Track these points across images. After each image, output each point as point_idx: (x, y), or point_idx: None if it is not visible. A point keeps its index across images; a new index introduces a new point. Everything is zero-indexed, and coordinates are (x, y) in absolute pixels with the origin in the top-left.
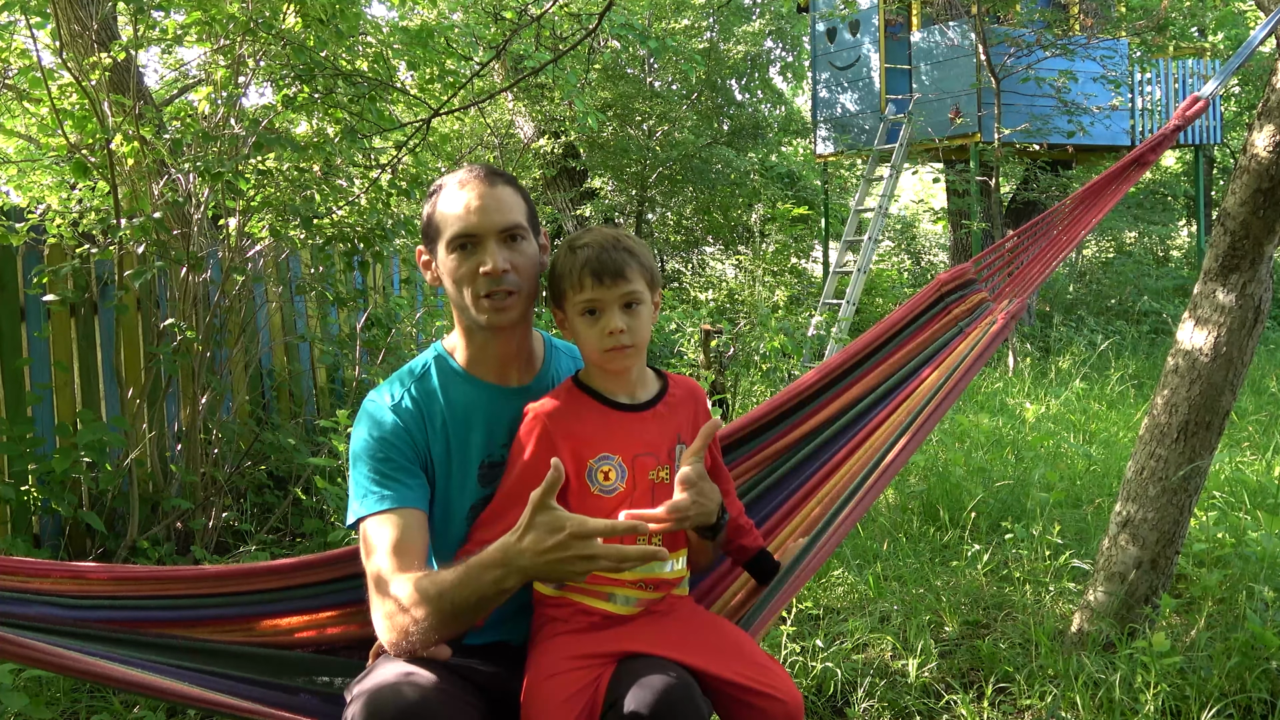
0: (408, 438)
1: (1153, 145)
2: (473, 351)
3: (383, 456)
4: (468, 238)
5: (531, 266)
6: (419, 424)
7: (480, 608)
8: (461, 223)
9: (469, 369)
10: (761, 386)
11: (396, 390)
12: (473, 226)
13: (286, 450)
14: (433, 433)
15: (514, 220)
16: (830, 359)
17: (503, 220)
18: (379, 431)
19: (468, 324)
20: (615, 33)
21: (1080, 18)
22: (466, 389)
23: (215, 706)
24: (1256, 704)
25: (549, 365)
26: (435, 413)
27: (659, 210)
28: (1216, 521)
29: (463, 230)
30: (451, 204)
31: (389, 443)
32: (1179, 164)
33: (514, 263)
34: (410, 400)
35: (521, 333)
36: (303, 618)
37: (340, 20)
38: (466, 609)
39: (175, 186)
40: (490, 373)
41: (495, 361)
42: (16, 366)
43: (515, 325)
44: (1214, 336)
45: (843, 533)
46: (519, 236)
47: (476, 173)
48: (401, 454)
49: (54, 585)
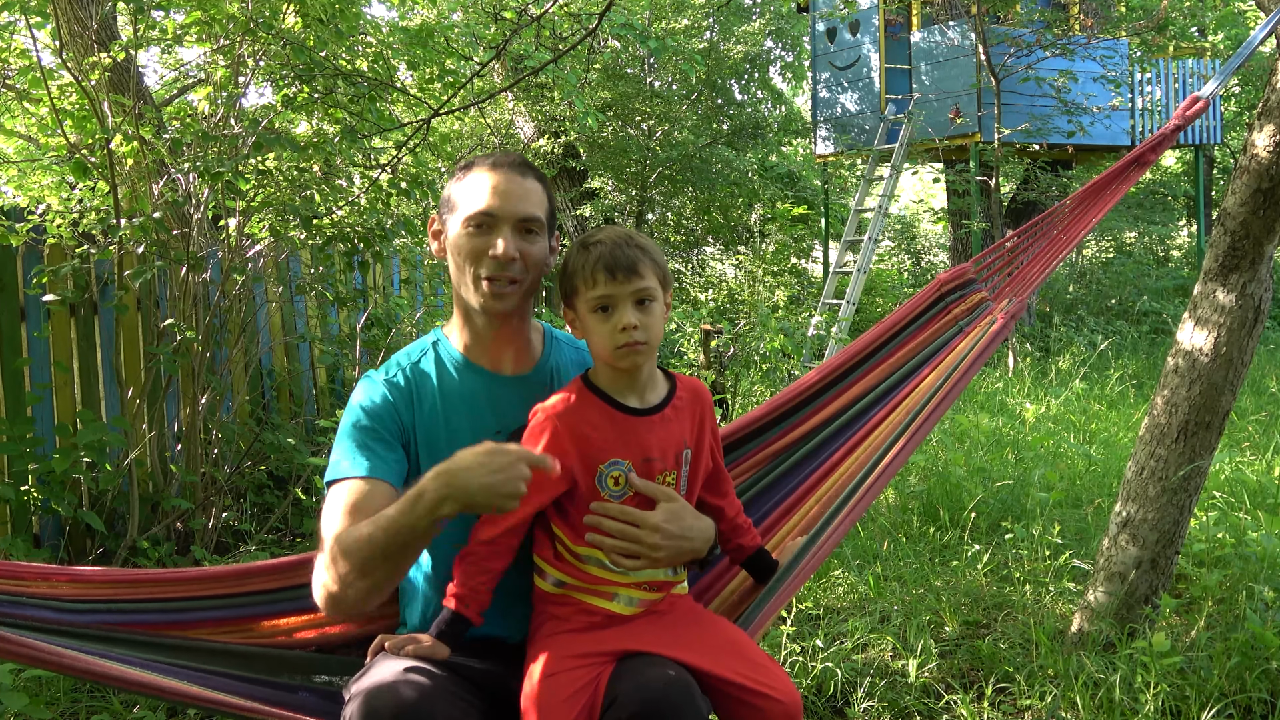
0: (393, 412)
1: (1153, 145)
2: (469, 337)
3: (364, 426)
4: (486, 217)
5: (538, 262)
6: (406, 401)
7: (414, 543)
8: (483, 202)
9: (466, 354)
10: (761, 386)
11: (392, 368)
12: (493, 208)
13: (286, 450)
14: (420, 413)
15: (533, 213)
16: (830, 359)
17: (524, 209)
18: (365, 402)
19: (465, 307)
20: (615, 33)
21: (1080, 18)
22: (461, 374)
23: (215, 705)
24: (1256, 704)
25: (549, 355)
26: (426, 394)
27: (659, 210)
28: (1216, 521)
29: (483, 209)
30: (479, 181)
31: (373, 413)
32: (1179, 164)
33: (523, 252)
34: (403, 378)
35: (517, 323)
36: (302, 617)
37: (340, 20)
38: (400, 546)
39: (175, 186)
40: (486, 359)
41: (491, 348)
42: (16, 366)
43: (510, 314)
44: (1214, 336)
45: (841, 532)
46: (534, 231)
47: (511, 159)
48: (384, 425)
49: (52, 589)
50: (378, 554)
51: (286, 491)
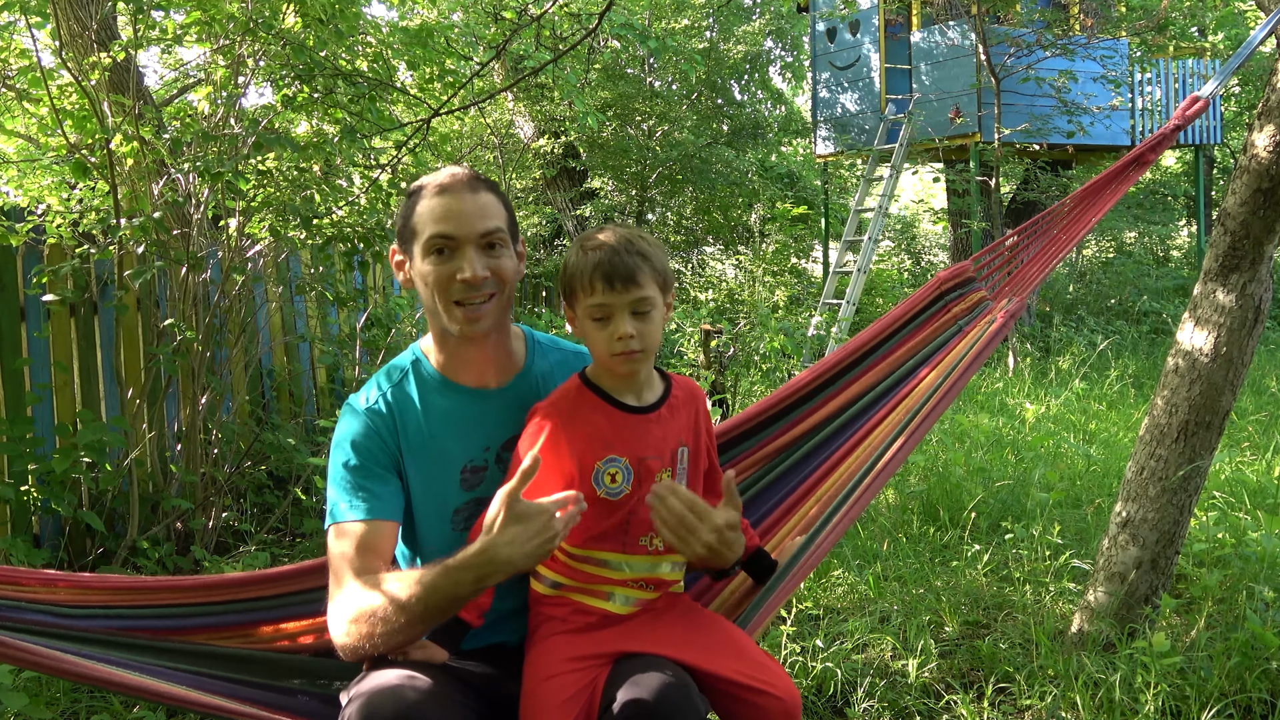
0: (380, 443)
1: (1152, 145)
2: (446, 357)
3: (355, 465)
4: (446, 241)
5: (509, 274)
6: (390, 428)
7: (452, 609)
8: (440, 226)
9: (444, 373)
10: (761, 387)
11: (373, 393)
12: (452, 231)
13: (286, 450)
14: (405, 438)
15: (493, 225)
16: (828, 356)
17: (483, 226)
18: (352, 438)
19: (440, 329)
20: (615, 33)
21: (1080, 18)
22: (442, 395)
23: (214, 710)
24: (1256, 704)
25: (531, 365)
26: (410, 419)
27: (659, 210)
28: (1216, 521)
29: (441, 233)
30: (431, 206)
31: (361, 449)
32: (1179, 164)
33: (492, 269)
34: (384, 404)
35: (496, 339)
36: (303, 622)
37: (340, 20)
38: (438, 611)
39: (175, 186)
40: (467, 377)
41: (471, 366)
42: (16, 366)
43: (488, 333)
44: (1214, 337)
45: (840, 532)
46: (497, 244)
47: (458, 176)
48: (374, 460)
49: (51, 594)
50: (416, 619)
51: (286, 491)
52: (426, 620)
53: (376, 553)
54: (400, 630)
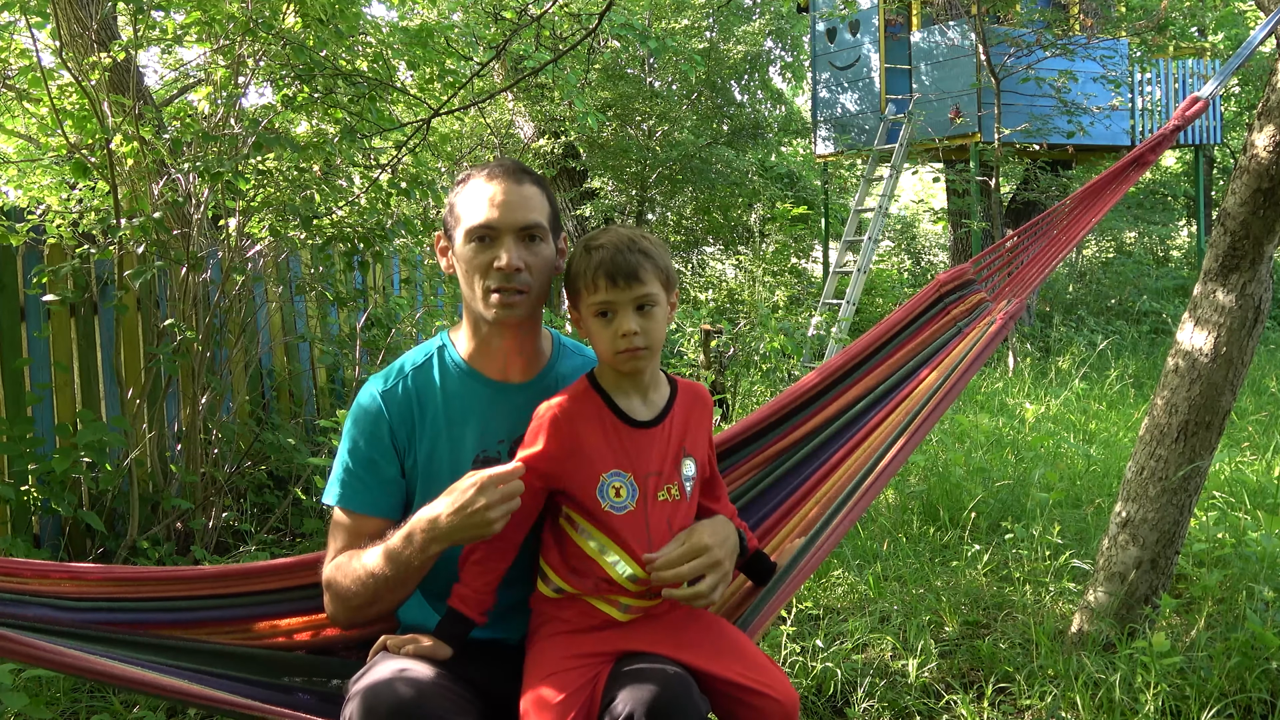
0: (389, 433)
1: (1152, 145)
2: (476, 345)
3: (359, 453)
4: (487, 230)
5: (545, 268)
6: (405, 414)
7: (411, 581)
8: (483, 215)
9: (470, 362)
10: (761, 387)
11: (394, 377)
12: (493, 220)
13: (286, 450)
14: (421, 424)
15: (534, 220)
16: (829, 361)
17: (524, 218)
18: (363, 418)
19: (474, 317)
20: (615, 33)
21: (1080, 18)
22: (465, 382)
23: (214, 704)
24: (1256, 704)
25: (554, 364)
26: (429, 404)
27: (659, 210)
28: (1216, 521)
29: (483, 223)
30: (476, 195)
31: (370, 436)
32: (1179, 164)
33: (528, 262)
34: (403, 389)
35: (527, 331)
36: (301, 619)
37: (340, 20)
38: (397, 584)
39: (175, 186)
40: (492, 368)
41: (498, 357)
42: (16, 366)
43: (520, 323)
44: (1214, 337)
45: (840, 533)
46: (537, 237)
47: (506, 167)
48: (378, 450)
49: (52, 587)
50: (383, 586)
51: (286, 491)
52: (394, 587)
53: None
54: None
